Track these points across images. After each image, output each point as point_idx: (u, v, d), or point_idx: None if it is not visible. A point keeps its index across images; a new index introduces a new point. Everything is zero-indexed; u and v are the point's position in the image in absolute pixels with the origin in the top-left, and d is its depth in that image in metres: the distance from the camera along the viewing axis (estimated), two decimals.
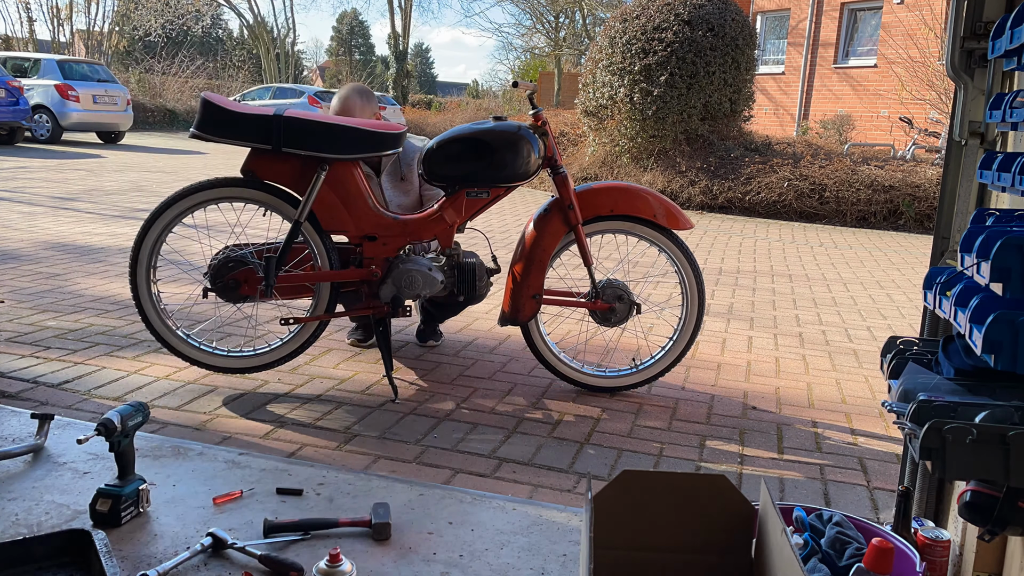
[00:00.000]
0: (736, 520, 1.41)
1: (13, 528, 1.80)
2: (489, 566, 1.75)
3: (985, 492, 1.19)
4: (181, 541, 1.77)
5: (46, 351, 3.18)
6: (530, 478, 2.32)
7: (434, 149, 2.86)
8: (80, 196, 7.77)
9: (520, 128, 2.85)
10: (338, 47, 49.60)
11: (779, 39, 18.31)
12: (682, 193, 9.53)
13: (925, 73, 13.24)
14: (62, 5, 29.23)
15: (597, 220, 2.95)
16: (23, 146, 13.19)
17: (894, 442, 2.73)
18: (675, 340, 3.00)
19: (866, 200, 8.87)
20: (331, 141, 2.72)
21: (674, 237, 2.95)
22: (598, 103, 10.62)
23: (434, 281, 2.87)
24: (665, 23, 9.99)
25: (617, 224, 2.95)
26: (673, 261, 2.97)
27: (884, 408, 2.02)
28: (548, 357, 3.02)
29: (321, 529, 1.84)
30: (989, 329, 1.09)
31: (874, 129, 15.13)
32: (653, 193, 2.94)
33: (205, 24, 33.41)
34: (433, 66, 60.65)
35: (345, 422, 2.65)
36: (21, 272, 4.51)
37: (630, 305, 2.97)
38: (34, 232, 5.77)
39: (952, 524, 1.76)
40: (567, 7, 30.92)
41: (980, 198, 1.78)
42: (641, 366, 3.02)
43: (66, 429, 2.32)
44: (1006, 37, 1.33)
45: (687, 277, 2.96)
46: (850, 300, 5.01)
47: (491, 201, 2.92)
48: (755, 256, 6.51)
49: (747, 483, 2.36)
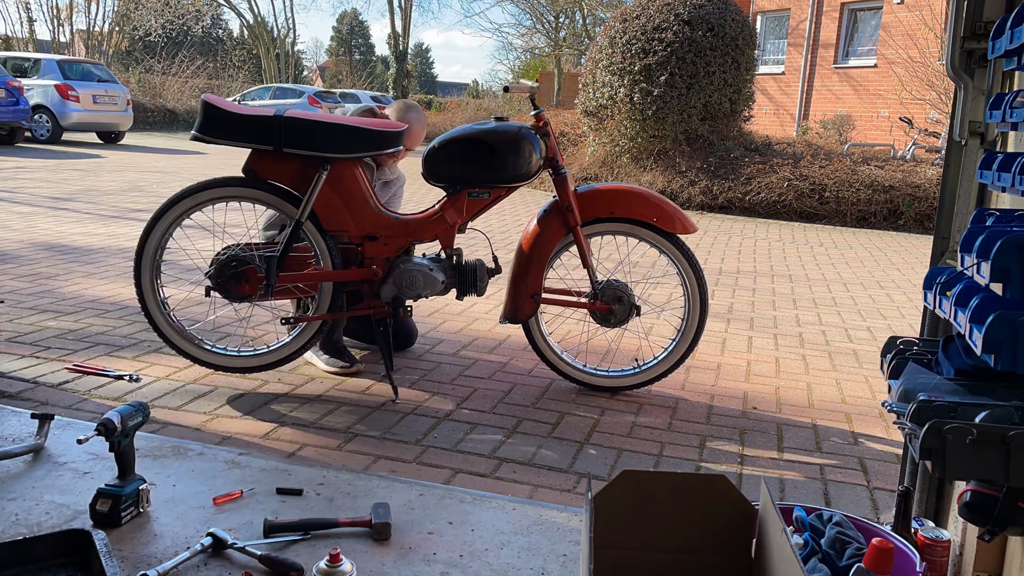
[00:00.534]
0: (736, 520, 1.41)
1: (13, 528, 1.80)
2: (489, 566, 1.75)
3: (985, 492, 1.19)
4: (181, 541, 1.77)
5: (46, 351, 3.18)
6: (530, 478, 2.32)
7: (435, 149, 2.86)
8: (80, 196, 7.77)
9: (521, 129, 2.85)
10: (338, 47, 49.61)
11: (779, 39, 18.32)
12: (682, 193, 9.53)
13: (925, 73, 13.24)
14: (62, 5, 29.26)
15: (597, 221, 2.95)
16: (23, 146, 13.19)
17: (894, 442, 2.73)
18: (677, 342, 2.99)
19: (866, 200, 8.87)
20: (332, 141, 2.72)
21: (675, 240, 2.93)
22: (598, 103, 10.62)
23: (435, 281, 2.88)
24: (665, 23, 9.99)
25: (617, 226, 2.94)
26: (675, 264, 2.96)
27: (884, 408, 2.02)
28: (549, 355, 3.02)
29: (321, 529, 1.84)
30: (989, 329, 1.09)
31: (874, 129, 15.13)
32: (654, 195, 2.92)
33: (205, 24, 33.45)
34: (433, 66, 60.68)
35: (345, 422, 2.65)
36: (21, 272, 4.51)
37: (629, 307, 2.97)
38: (34, 232, 5.77)
39: (952, 524, 1.76)
40: (567, 7, 30.92)
41: (980, 198, 1.78)
42: (643, 367, 3.02)
43: (66, 429, 2.32)
44: (1006, 37, 1.33)
45: (689, 280, 2.95)
46: (850, 300, 5.01)
47: (492, 202, 2.92)
48: (755, 256, 6.51)
49: (747, 483, 2.36)
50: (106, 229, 6.08)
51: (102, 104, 14.30)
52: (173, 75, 23.59)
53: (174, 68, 24.05)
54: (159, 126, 20.57)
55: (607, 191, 2.93)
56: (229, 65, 29.85)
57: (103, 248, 5.34)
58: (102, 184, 8.82)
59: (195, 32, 32.35)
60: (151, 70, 24.41)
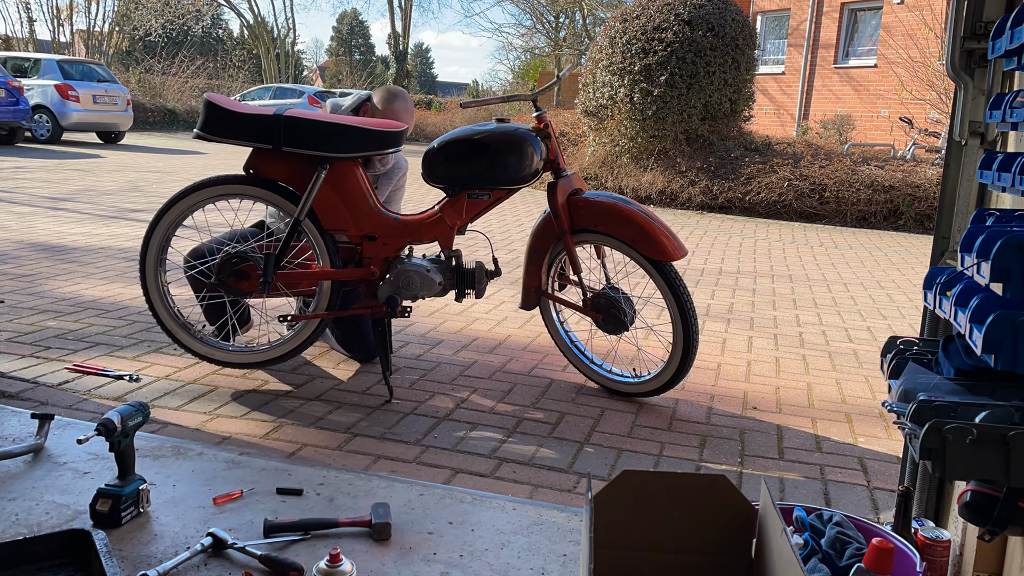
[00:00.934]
0: (736, 520, 1.41)
1: (13, 528, 1.80)
2: (489, 566, 1.75)
3: (985, 492, 1.19)
4: (181, 541, 1.77)
5: (46, 351, 3.18)
6: (530, 478, 2.32)
7: (435, 150, 2.86)
8: (80, 196, 7.77)
9: (522, 130, 2.84)
10: (338, 47, 49.62)
11: (779, 39, 18.32)
12: (682, 193, 9.53)
13: (925, 73, 13.24)
14: (62, 5, 29.27)
15: (586, 232, 2.87)
16: (23, 146, 13.19)
17: (894, 442, 2.73)
18: (665, 366, 2.86)
19: (866, 200, 8.87)
20: (331, 140, 2.72)
21: (658, 266, 2.78)
22: (598, 103, 10.63)
23: (432, 283, 2.87)
24: (665, 23, 9.99)
25: (604, 239, 2.84)
26: (658, 288, 2.83)
27: (884, 408, 2.03)
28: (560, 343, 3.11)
29: (321, 529, 1.84)
30: (989, 329, 1.09)
31: (874, 129, 15.13)
32: (641, 215, 2.78)
33: (205, 24, 33.44)
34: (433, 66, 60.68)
35: (345, 422, 2.65)
36: (21, 272, 4.51)
37: (619, 321, 2.88)
38: (33, 232, 5.77)
39: (952, 524, 1.76)
40: (567, 7, 30.92)
41: (980, 198, 1.78)
42: (640, 378, 2.98)
43: (66, 429, 2.32)
44: (1006, 37, 1.33)
45: (671, 308, 2.79)
46: (850, 300, 5.01)
47: (492, 203, 2.91)
48: (755, 256, 6.51)
49: (747, 483, 2.36)
50: (106, 229, 6.08)
51: (102, 104, 14.30)
52: (173, 75, 23.59)
53: (174, 68, 24.05)
54: (159, 126, 20.57)
55: (594, 203, 2.83)
56: (229, 65, 29.85)
57: (103, 248, 5.34)
58: (102, 184, 8.82)
59: (195, 32, 32.35)
60: (151, 70, 24.41)
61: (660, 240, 2.74)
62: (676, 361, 2.83)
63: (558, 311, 3.15)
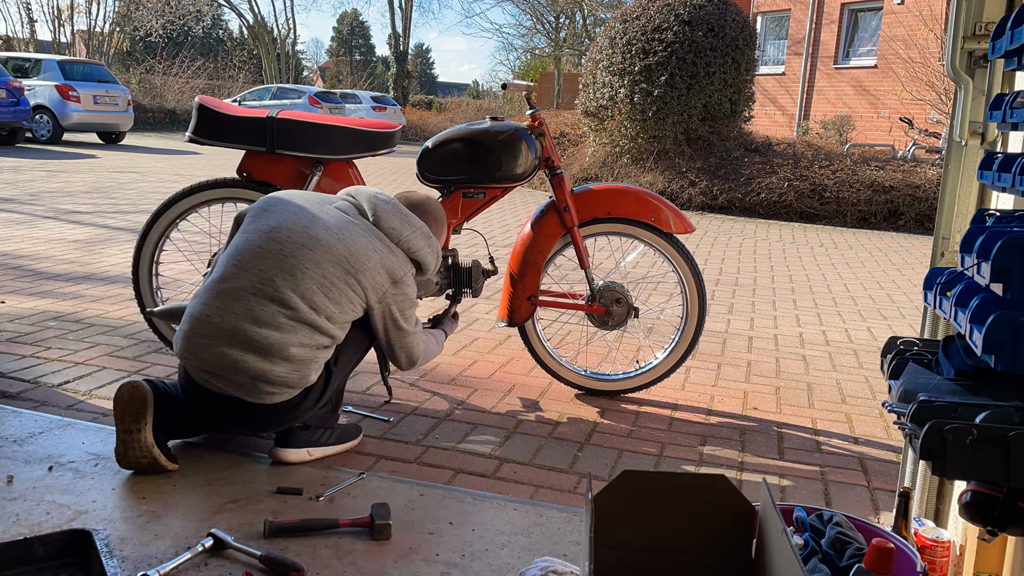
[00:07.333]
0: (736, 520, 1.41)
1: (14, 528, 1.80)
2: (490, 566, 1.75)
3: (985, 492, 1.19)
4: (182, 541, 1.77)
5: (46, 351, 3.18)
6: (531, 478, 2.32)
7: (430, 149, 2.86)
8: (80, 196, 7.78)
9: (516, 129, 2.84)
10: (338, 47, 49.65)
11: (779, 40, 18.32)
12: (682, 194, 9.53)
13: (925, 73, 13.24)
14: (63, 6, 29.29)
15: (595, 222, 2.94)
16: (24, 147, 13.20)
17: (894, 442, 2.73)
18: (676, 343, 2.96)
19: (866, 200, 8.87)
20: (324, 142, 2.72)
21: (673, 240, 2.91)
22: (598, 104, 10.63)
23: (428, 283, 2.87)
24: (665, 24, 9.99)
25: (615, 227, 2.92)
26: (672, 264, 2.93)
27: (884, 408, 2.03)
28: (546, 359, 3.01)
29: (321, 529, 1.84)
30: (989, 329, 1.09)
31: (874, 129, 15.13)
32: (652, 195, 2.90)
33: (206, 24, 33.47)
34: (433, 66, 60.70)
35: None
36: (21, 273, 4.51)
37: (628, 309, 2.95)
38: (33, 233, 5.77)
39: (952, 524, 1.76)
40: (567, 8, 30.93)
41: (980, 198, 1.78)
42: (644, 368, 3.00)
43: (66, 429, 2.32)
44: (1006, 38, 1.33)
45: (687, 281, 2.92)
46: (850, 300, 5.01)
47: (488, 202, 2.91)
48: (755, 256, 6.51)
49: (747, 483, 2.36)
50: (106, 229, 6.08)
51: (103, 104, 14.30)
52: (174, 76, 23.60)
53: (175, 69, 24.06)
54: (159, 126, 20.58)
55: (604, 191, 2.91)
56: (230, 66, 29.84)
57: (103, 248, 5.34)
58: (102, 184, 8.83)
59: (196, 32, 32.38)
60: (152, 71, 24.42)
61: (676, 215, 2.90)
62: (689, 336, 2.94)
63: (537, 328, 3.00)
